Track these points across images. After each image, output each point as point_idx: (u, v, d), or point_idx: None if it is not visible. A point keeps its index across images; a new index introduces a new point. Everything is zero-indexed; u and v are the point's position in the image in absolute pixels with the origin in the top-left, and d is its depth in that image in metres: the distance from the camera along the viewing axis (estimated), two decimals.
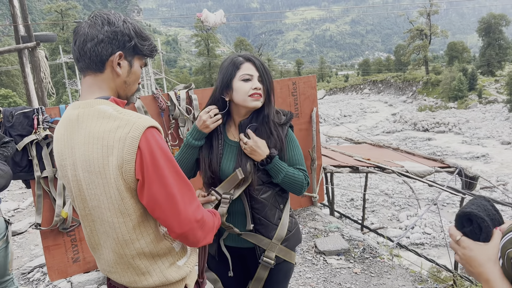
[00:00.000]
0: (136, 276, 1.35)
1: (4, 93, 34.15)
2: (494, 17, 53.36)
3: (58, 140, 1.35)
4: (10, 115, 3.43)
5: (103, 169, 1.21)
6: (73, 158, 1.29)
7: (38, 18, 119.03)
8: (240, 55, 1.85)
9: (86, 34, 1.25)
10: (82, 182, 1.28)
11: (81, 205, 1.35)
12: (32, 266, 4.46)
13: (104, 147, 1.20)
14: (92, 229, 1.36)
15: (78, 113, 1.27)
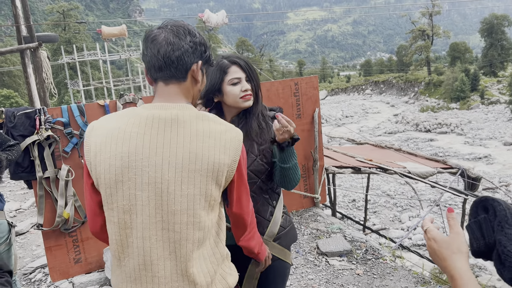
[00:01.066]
0: (200, 286, 1.28)
1: (6, 94, 34.22)
2: (497, 17, 53.26)
3: (128, 139, 1.23)
4: (12, 116, 3.43)
5: (211, 166, 1.24)
6: (159, 158, 1.22)
7: (40, 18, 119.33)
8: (225, 57, 1.88)
9: (172, 43, 1.26)
10: (168, 182, 1.22)
11: (151, 212, 1.22)
12: (34, 267, 4.46)
13: (217, 146, 1.25)
14: (154, 241, 1.23)
15: (177, 113, 1.26)
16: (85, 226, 3.82)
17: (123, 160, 1.22)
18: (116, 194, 1.23)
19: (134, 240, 1.24)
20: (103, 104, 3.78)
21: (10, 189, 8.42)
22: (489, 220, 0.97)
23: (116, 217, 1.24)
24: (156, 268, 1.24)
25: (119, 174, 1.22)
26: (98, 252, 3.90)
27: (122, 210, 1.23)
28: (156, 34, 1.28)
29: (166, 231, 1.23)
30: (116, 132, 1.24)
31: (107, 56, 29.08)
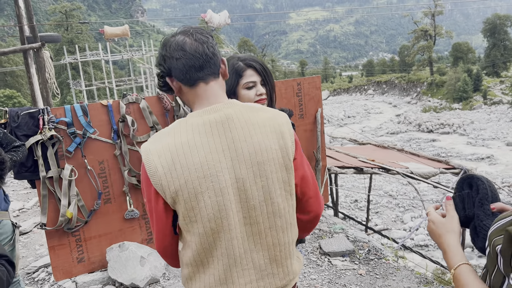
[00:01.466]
0: (287, 268, 1.37)
1: (9, 94, 34.32)
2: (499, 17, 53.11)
3: (196, 150, 1.24)
4: (16, 116, 3.44)
5: (275, 153, 1.29)
6: (228, 159, 1.25)
7: (42, 19, 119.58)
8: (241, 59, 1.87)
9: (205, 41, 1.31)
10: (243, 180, 1.26)
11: (235, 212, 1.27)
12: (37, 266, 4.47)
13: (273, 132, 1.30)
14: (240, 238, 1.29)
15: (229, 112, 1.29)
16: (88, 226, 3.83)
17: (198, 172, 1.22)
18: (198, 206, 1.24)
19: (222, 243, 1.27)
20: (106, 104, 3.79)
21: (13, 189, 8.44)
22: (472, 196, 1.11)
23: (202, 227, 1.26)
24: (245, 262, 1.30)
25: (197, 186, 1.23)
26: (101, 252, 3.91)
27: (207, 219, 1.25)
28: (182, 38, 1.30)
29: (249, 226, 1.29)
30: (180, 147, 1.24)
31: (109, 56, 29.11)
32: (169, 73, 1.32)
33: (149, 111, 3.90)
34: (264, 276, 1.34)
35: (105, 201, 3.87)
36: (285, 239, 1.35)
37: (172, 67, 1.30)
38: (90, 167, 3.73)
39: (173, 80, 1.34)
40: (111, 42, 20.15)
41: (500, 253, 0.88)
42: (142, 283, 3.63)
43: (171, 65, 1.30)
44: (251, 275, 1.32)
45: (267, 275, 1.34)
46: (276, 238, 1.32)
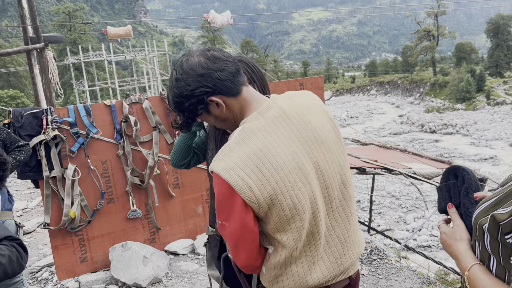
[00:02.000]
0: (360, 232, 1.50)
1: (12, 94, 34.44)
2: (503, 18, 52.96)
3: (274, 148, 1.23)
4: (19, 116, 3.46)
5: (332, 129, 1.39)
6: (301, 146, 1.28)
7: (46, 19, 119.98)
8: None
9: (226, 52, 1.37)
10: (319, 161, 1.31)
11: (320, 194, 1.31)
12: (40, 266, 4.49)
13: (321, 111, 1.40)
14: (323, 219, 1.33)
15: (280, 106, 1.32)
16: (91, 225, 3.84)
17: (284, 169, 1.21)
18: (292, 202, 1.23)
19: (316, 229, 1.30)
20: (109, 104, 3.80)
21: (17, 189, 8.48)
22: (457, 186, 1.18)
23: (299, 221, 1.25)
24: (331, 240, 1.36)
25: (287, 182, 1.22)
26: (104, 251, 3.92)
27: (303, 211, 1.25)
28: (205, 54, 1.29)
29: (329, 204, 1.34)
30: (258, 151, 1.21)
31: (112, 56, 29.18)
32: (214, 90, 1.26)
33: (152, 111, 3.91)
34: (349, 248, 1.39)
35: (108, 201, 3.89)
36: (354, 206, 1.44)
37: (216, 82, 1.25)
38: (93, 167, 3.75)
39: (217, 98, 1.28)
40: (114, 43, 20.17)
41: (487, 231, 0.94)
42: (145, 283, 3.64)
43: (214, 80, 1.25)
44: (339, 251, 1.37)
45: (351, 246, 1.40)
46: (349, 208, 1.40)
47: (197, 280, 3.75)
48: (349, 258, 1.39)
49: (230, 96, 1.28)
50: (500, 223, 0.89)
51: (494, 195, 0.99)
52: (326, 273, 1.34)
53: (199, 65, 1.25)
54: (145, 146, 3.94)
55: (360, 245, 1.46)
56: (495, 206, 0.95)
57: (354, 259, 1.42)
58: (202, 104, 1.28)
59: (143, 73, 31.31)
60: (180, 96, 1.28)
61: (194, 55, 1.28)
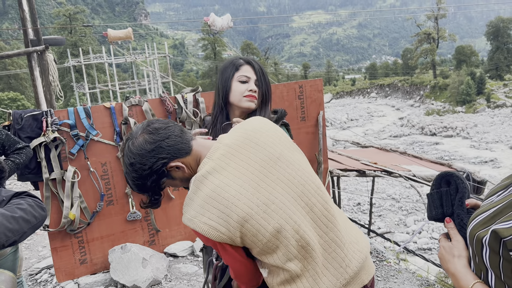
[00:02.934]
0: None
1: (12, 96, 34.50)
2: (503, 20, 53.05)
3: (235, 175, 1.30)
4: (19, 118, 3.47)
5: (293, 149, 1.50)
6: (262, 167, 1.34)
7: (46, 22, 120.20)
8: (241, 57, 1.92)
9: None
10: (292, 181, 1.36)
11: (298, 205, 1.32)
12: (40, 268, 4.49)
13: (275, 132, 1.50)
14: (309, 229, 1.33)
15: (235, 137, 1.41)
16: (91, 227, 3.85)
17: (253, 201, 1.25)
18: (265, 222, 1.25)
19: (310, 241, 1.30)
20: (109, 106, 3.81)
21: (16, 191, 8.48)
22: (450, 194, 1.12)
23: (277, 240, 1.27)
24: (345, 240, 1.39)
25: (255, 206, 1.25)
26: (103, 253, 3.92)
27: (277, 230, 1.26)
28: (151, 126, 1.34)
29: (311, 212, 1.36)
30: (218, 189, 1.25)
31: (112, 59, 29.21)
32: (170, 158, 1.32)
33: (151, 114, 3.92)
34: (348, 248, 1.38)
35: (108, 203, 3.89)
36: (335, 206, 1.45)
37: (169, 150, 1.31)
38: (93, 169, 3.75)
39: (174, 163, 1.33)
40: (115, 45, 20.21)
41: (487, 245, 0.90)
42: (144, 285, 3.64)
43: (165, 149, 1.31)
44: (340, 254, 1.36)
45: (350, 245, 1.39)
46: (333, 210, 1.40)
47: (196, 282, 3.75)
48: (352, 258, 1.37)
49: (185, 156, 1.34)
50: (504, 239, 0.84)
51: (492, 206, 0.96)
52: (335, 281, 1.32)
53: (145, 142, 1.30)
54: None
55: (359, 241, 1.43)
56: (493, 218, 0.91)
57: (359, 258, 1.38)
58: (163, 175, 1.34)
59: (144, 76, 31.35)
60: (140, 179, 1.32)
61: (137, 136, 1.32)
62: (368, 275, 1.42)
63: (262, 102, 1.90)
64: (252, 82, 1.86)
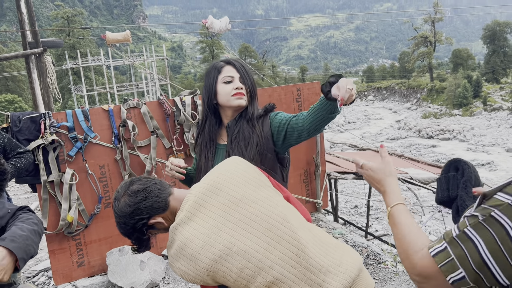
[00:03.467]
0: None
1: (10, 99, 34.44)
2: (499, 24, 53.31)
3: (200, 225, 1.41)
4: (17, 120, 3.47)
5: (259, 185, 1.58)
6: (225, 211, 1.45)
7: (44, 24, 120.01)
8: (221, 59, 1.96)
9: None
10: (255, 219, 1.42)
11: (279, 243, 1.39)
12: (37, 270, 4.48)
13: (243, 173, 1.58)
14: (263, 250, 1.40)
15: (201, 187, 1.52)
16: (89, 230, 3.85)
17: (213, 236, 1.37)
18: (234, 261, 1.35)
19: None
20: (107, 109, 3.82)
21: (14, 193, 8.47)
22: (457, 178, 1.20)
23: (260, 277, 1.35)
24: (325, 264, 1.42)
25: (217, 252, 1.35)
26: (101, 256, 3.92)
27: (244, 266, 1.34)
28: (131, 188, 1.48)
29: (272, 234, 1.44)
30: (185, 239, 1.38)
31: (110, 61, 29.21)
32: (149, 217, 1.45)
33: (150, 116, 3.93)
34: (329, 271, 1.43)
35: (106, 205, 3.89)
36: (307, 234, 1.49)
37: (147, 210, 1.44)
38: (91, 171, 3.76)
39: (154, 220, 1.47)
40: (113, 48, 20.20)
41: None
42: (142, 287, 3.64)
43: (144, 210, 1.44)
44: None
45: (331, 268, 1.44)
46: (299, 239, 1.41)
47: (193, 285, 3.76)
48: (332, 281, 1.34)
49: (162, 212, 1.47)
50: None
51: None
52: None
53: (126, 205, 1.44)
54: (143, 151, 3.95)
55: (342, 263, 1.41)
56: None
57: (342, 280, 1.35)
58: (145, 231, 1.48)
59: (142, 78, 31.33)
60: (126, 234, 1.49)
61: (120, 197, 1.47)
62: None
63: (250, 98, 1.94)
64: (236, 80, 1.89)
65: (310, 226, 1.52)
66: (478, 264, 0.86)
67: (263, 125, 1.92)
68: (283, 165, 1.98)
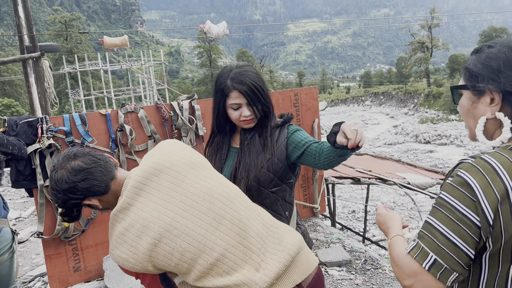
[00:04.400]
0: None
1: (7, 103, 34.35)
2: (495, 30, 53.68)
3: (140, 208, 1.39)
4: (14, 124, 3.46)
5: (196, 160, 1.62)
6: (172, 194, 1.46)
7: (42, 28, 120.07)
8: (230, 77, 1.81)
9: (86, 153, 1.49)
10: (195, 195, 1.45)
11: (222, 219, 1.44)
12: (33, 275, 4.46)
13: (179, 149, 1.62)
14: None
15: (141, 169, 1.48)
16: (85, 235, 3.83)
17: (153, 217, 1.36)
18: (177, 241, 1.35)
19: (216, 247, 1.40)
20: (104, 113, 3.81)
21: (10, 198, 8.42)
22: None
23: (201, 259, 1.37)
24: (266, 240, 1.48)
25: (157, 231, 1.35)
26: (97, 261, 3.90)
27: (198, 251, 1.36)
28: (72, 164, 1.40)
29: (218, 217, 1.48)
30: (125, 224, 1.35)
31: (108, 66, 29.21)
32: (84, 197, 1.40)
33: (147, 120, 3.93)
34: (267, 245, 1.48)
35: None
36: (240, 202, 1.55)
37: (83, 191, 1.38)
38: None
39: (89, 201, 1.42)
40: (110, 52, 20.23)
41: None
42: None
43: (80, 191, 1.38)
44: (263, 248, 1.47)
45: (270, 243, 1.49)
46: (241, 218, 1.45)
47: None
48: (270, 261, 1.38)
49: (101, 195, 1.42)
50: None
51: None
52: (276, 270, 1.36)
53: (63, 181, 1.37)
54: (140, 155, 3.95)
55: (282, 241, 1.45)
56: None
57: (281, 259, 1.39)
58: (78, 207, 1.45)
59: (139, 83, 31.33)
60: (57, 203, 1.43)
61: (58, 168, 1.40)
62: (302, 274, 1.42)
63: (264, 116, 1.90)
64: (244, 107, 1.82)
65: (254, 206, 1.53)
66: (442, 241, 0.99)
67: (279, 135, 1.90)
68: (294, 174, 1.96)
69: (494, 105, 1.10)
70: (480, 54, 1.15)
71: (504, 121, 1.08)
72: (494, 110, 1.10)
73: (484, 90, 1.10)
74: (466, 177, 1.00)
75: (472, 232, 0.98)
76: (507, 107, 1.09)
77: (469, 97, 1.16)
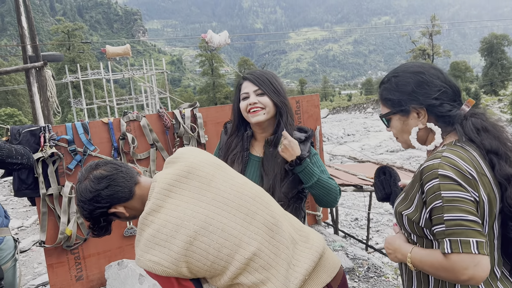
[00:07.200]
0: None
1: (10, 112, 34.50)
2: (496, 37, 53.76)
3: (171, 210, 1.38)
4: (17, 133, 3.47)
5: (222, 166, 1.64)
6: (207, 198, 1.44)
7: (45, 38, 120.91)
8: (242, 75, 1.94)
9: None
10: (228, 198, 1.46)
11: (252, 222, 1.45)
12: (35, 284, 4.44)
13: (201, 154, 1.63)
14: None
15: (166, 173, 1.50)
16: (87, 243, 3.82)
17: (186, 217, 1.35)
18: (211, 241, 1.34)
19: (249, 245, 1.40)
20: (107, 122, 3.83)
21: (13, 207, 8.42)
22: (387, 179, 1.58)
23: (229, 257, 1.35)
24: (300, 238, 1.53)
25: (192, 233, 1.33)
26: (99, 270, 3.89)
27: (225, 246, 1.34)
28: (94, 173, 1.42)
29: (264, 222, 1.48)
30: (157, 226, 1.33)
31: (110, 75, 29.35)
32: (110, 205, 1.41)
33: (149, 129, 3.94)
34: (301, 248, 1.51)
35: None
36: (274, 208, 1.58)
37: (107, 199, 1.39)
38: None
39: (115, 209, 1.43)
40: (113, 61, 20.32)
41: (405, 216, 1.30)
42: None
43: (104, 199, 1.39)
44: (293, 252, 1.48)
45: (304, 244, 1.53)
46: (273, 214, 1.50)
47: None
48: (300, 257, 1.41)
49: (126, 201, 1.43)
50: (413, 219, 1.27)
51: (405, 190, 1.36)
52: (285, 282, 1.35)
53: (87, 190, 1.39)
54: (142, 164, 3.95)
55: (309, 239, 1.49)
56: (404, 199, 1.33)
57: (310, 256, 1.42)
58: (105, 217, 1.44)
59: (141, 92, 31.43)
60: (86, 217, 1.44)
61: (82, 180, 1.42)
62: (330, 273, 1.45)
63: (278, 112, 1.89)
64: (252, 95, 1.84)
65: (278, 204, 1.56)
66: (468, 224, 1.14)
67: (303, 148, 1.93)
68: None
69: (422, 117, 1.36)
70: (389, 84, 1.44)
71: (435, 129, 1.34)
72: (424, 121, 1.36)
73: (410, 109, 1.37)
74: (446, 173, 1.18)
75: (474, 207, 1.17)
76: (431, 116, 1.36)
77: (399, 118, 1.42)
